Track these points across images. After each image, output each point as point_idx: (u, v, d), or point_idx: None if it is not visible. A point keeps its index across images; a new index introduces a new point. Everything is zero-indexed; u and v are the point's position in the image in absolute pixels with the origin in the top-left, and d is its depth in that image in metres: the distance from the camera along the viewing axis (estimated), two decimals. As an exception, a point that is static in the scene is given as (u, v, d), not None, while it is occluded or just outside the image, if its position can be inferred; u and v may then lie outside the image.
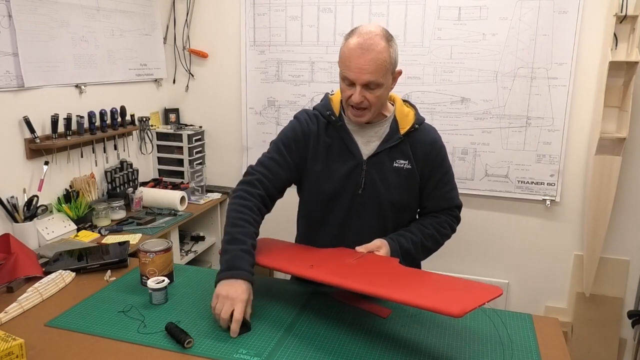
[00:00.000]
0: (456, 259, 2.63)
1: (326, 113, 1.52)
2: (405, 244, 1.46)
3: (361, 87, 1.37)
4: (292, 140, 1.52)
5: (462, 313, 1.01)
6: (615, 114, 2.28)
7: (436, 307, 1.05)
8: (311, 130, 1.52)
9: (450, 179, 1.58)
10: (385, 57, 1.35)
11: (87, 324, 1.29)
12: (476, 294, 1.10)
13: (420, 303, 1.08)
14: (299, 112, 1.59)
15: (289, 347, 1.19)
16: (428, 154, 1.52)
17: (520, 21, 2.32)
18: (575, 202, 2.44)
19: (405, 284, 1.22)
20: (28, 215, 1.95)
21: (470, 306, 1.03)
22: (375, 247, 1.41)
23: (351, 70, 1.36)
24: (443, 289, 1.19)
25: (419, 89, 2.51)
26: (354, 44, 1.35)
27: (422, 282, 1.25)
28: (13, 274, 1.54)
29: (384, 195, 1.50)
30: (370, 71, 1.34)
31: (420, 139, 1.52)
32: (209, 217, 2.83)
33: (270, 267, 1.43)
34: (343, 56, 1.39)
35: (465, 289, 1.17)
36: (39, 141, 2.04)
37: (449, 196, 1.58)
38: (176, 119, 2.96)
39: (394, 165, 1.50)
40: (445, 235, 1.57)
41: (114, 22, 2.46)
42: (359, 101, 1.38)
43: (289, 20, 2.64)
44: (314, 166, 1.52)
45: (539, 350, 1.20)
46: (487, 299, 1.06)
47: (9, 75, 1.92)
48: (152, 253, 1.47)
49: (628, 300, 2.46)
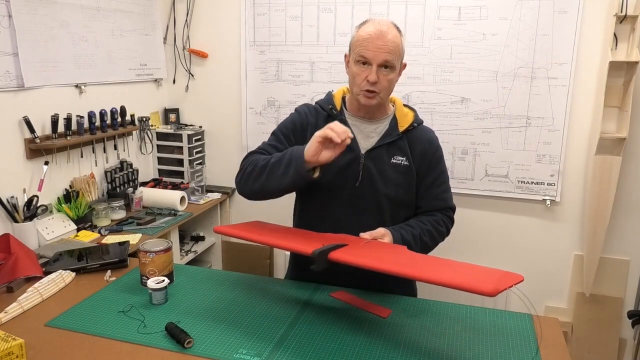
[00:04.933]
0: (456, 258, 2.61)
1: (328, 107, 1.58)
2: (406, 236, 1.47)
3: (377, 66, 1.43)
4: (290, 131, 1.58)
5: (495, 292, 1.00)
6: (615, 114, 2.28)
7: (472, 287, 1.03)
8: (310, 122, 1.57)
9: (445, 180, 1.61)
10: (399, 42, 1.46)
11: (87, 324, 1.29)
12: (501, 277, 1.09)
13: (455, 283, 1.06)
14: (299, 106, 1.65)
15: (289, 347, 1.19)
16: (425, 152, 1.56)
17: (520, 21, 2.32)
18: (575, 202, 2.44)
19: (428, 267, 1.21)
20: (28, 215, 1.95)
21: (502, 286, 1.02)
22: (380, 235, 1.42)
23: (369, 50, 1.42)
24: (467, 272, 1.17)
25: (419, 89, 2.51)
26: (371, 28, 1.44)
27: (444, 265, 1.23)
28: (13, 274, 1.54)
29: (382, 189, 1.52)
30: (387, 50, 1.42)
31: (419, 137, 1.57)
32: (209, 217, 2.83)
33: (281, 246, 1.39)
34: (360, 39, 1.45)
35: (490, 273, 1.14)
36: (39, 141, 2.04)
37: (443, 196, 1.60)
38: (176, 119, 2.96)
39: (392, 161, 1.53)
40: (441, 233, 1.58)
41: (114, 22, 2.46)
42: (374, 80, 1.43)
43: (289, 20, 2.64)
44: None
45: (539, 350, 1.20)
46: (515, 282, 1.06)
47: (9, 75, 1.92)
48: (152, 253, 1.47)
49: (628, 300, 2.46)
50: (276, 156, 1.44)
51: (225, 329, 1.27)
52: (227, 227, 1.48)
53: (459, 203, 2.57)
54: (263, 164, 1.46)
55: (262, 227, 1.55)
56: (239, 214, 2.96)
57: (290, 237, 1.47)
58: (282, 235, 1.48)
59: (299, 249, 1.29)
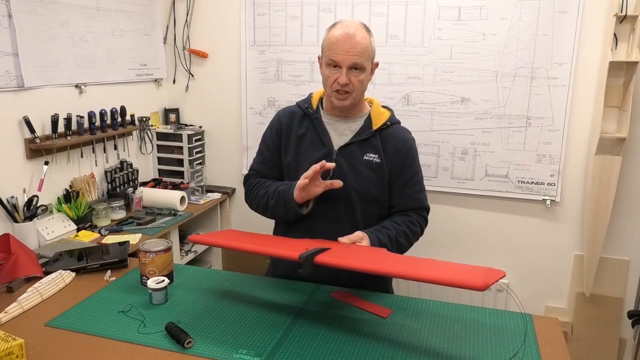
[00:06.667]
0: (456, 258, 2.63)
1: (304, 106, 1.65)
2: (382, 238, 1.48)
3: (347, 69, 1.48)
4: (269, 139, 1.69)
5: (485, 286, 1.01)
6: (615, 114, 2.28)
7: (461, 282, 1.03)
8: (282, 124, 1.66)
9: (419, 180, 1.64)
10: (367, 43, 1.49)
11: (87, 324, 1.29)
12: (487, 273, 1.09)
13: (444, 279, 1.06)
14: (274, 115, 1.74)
15: (289, 347, 1.19)
16: (398, 151, 1.59)
17: (520, 21, 2.32)
18: (575, 202, 2.44)
19: (417, 266, 1.21)
20: (28, 215, 1.95)
21: (491, 280, 1.03)
22: (358, 238, 1.44)
23: (338, 53, 1.48)
24: (453, 269, 1.17)
25: (419, 89, 2.51)
26: (340, 31, 1.49)
27: (427, 264, 1.23)
28: (13, 274, 1.54)
29: (352, 184, 1.55)
30: (355, 53, 1.47)
31: (392, 135, 1.60)
32: (209, 217, 2.83)
33: (266, 252, 1.39)
34: (329, 43, 1.51)
35: (472, 269, 1.14)
36: (39, 141, 2.04)
37: (418, 196, 1.62)
38: (176, 119, 2.96)
39: (365, 158, 1.57)
40: (415, 233, 1.60)
41: (114, 22, 2.46)
42: (345, 82, 1.48)
43: (289, 20, 2.64)
44: (286, 157, 1.63)
45: (539, 350, 1.20)
46: (499, 277, 1.06)
47: (9, 75, 1.92)
48: (152, 253, 1.47)
49: (628, 300, 2.46)
50: (273, 197, 1.56)
51: (225, 329, 1.27)
52: (203, 235, 1.51)
53: (459, 203, 2.61)
54: (264, 203, 1.59)
55: (239, 235, 1.57)
56: (238, 214, 2.96)
57: (272, 243, 1.49)
58: (263, 242, 1.48)
59: (284, 255, 1.31)
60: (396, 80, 2.51)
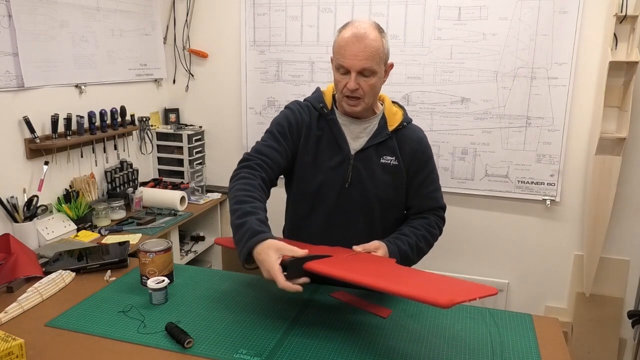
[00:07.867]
0: (456, 259, 2.63)
1: (319, 105, 1.55)
2: (402, 247, 1.46)
3: (356, 74, 1.40)
4: (286, 129, 1.53)
5: (449, 304, 0.97)
6: (615, 114, 2.28)
7: (422, 297, 1.00)
8: (304, 120, 1.54)
9: (435, 179, 1.60)
10: (378, 45, 1.40)
11: (87, 324, 1.29)
12: (469, 290, 1.07)
13: (407, 292, 1.04)
14: (290, 103, 1.61)
15: (289, 347, 1.19)
16: (415, 151, 1.54)
17: (520, 21, 2.32)
18: (575, 202, 2.44)
19: (397, 278, 1.19)
20: (28, 215, 1.95)
21: (459, 298, 0.99)
22: (374, 248, 1.41)
23: (346, 58, 1.40)
24: (437, 284, 1.16)
25: (419, 89, 2.51)
26: (349, 34, 1.40)
27: (417, 277, 1.22)
28: (13, 274, 1.54)
29: (371, 190, 1.51)
30: (364, 58, 1.38)
31: (408, 136, 1.55)
32: (209, 217, 2.83)
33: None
34: (338, 46, 1.42)
35: (460, 286, 1.14)
36: (39, 141, 2.04)
37: (434, 195, 1.59)
38: (176, 119, 2.96)
39: (381, 161, 1.52)
40: (435, 236, 1.58)
41: (114, 22, 2.46)
42: (354, 88, 1.41)
43: (289, 20, 2.64)
44: (304, 156, 1.54)
45: (539, 350, 1.20)
46: (479, 295, 1.01)
47: (9, 75, 1.92)
48: (152, 253, 1.47)
49: (628, 300, 2.46)
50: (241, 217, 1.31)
51: (225, 329, 1.27)
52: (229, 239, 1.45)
53: (459, 203, 2.60)
54: (232, 208, 1.38)
55: None
56: (239, 214, 2.96)
57: None
58: None
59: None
60: (396, 80, 2.51)
